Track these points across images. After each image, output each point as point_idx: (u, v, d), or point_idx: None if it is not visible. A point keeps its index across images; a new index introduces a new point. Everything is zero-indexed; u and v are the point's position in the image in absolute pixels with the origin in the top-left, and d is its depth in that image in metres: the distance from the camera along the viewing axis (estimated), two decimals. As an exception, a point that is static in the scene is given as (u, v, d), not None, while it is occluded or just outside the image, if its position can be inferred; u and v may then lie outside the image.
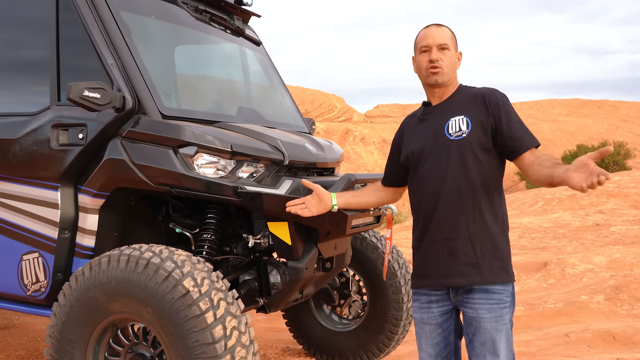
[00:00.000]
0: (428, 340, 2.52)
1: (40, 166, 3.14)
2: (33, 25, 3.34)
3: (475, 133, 2.38)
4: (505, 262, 2.41)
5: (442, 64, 2.44)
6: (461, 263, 2.37)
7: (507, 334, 2.38)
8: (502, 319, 2.36)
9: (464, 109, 2.43)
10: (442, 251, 2.41)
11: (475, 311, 2.37)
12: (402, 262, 4.16)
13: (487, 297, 2.36)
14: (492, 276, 2.36)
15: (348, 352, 4.21)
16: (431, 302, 2.49)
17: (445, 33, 2.48)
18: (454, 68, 2.50)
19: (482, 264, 2.36)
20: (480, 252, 2.36)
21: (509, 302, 2.40)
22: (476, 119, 2.39)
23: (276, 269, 3.38)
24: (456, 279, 2.38)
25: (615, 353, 4.53)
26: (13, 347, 4.61)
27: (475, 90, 2.49)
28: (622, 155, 26.35)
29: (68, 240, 3.14)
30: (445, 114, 2.46)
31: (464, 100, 2.46)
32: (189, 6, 3.65)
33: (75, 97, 2.79)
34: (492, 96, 2.41)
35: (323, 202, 2.74)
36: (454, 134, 2.40)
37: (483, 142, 2.38)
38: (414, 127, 2.59)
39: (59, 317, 2.79)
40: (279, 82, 4.36)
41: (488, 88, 2.47)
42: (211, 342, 2.47)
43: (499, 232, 2.41)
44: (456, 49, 2.52)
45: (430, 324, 2.50)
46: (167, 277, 2.56)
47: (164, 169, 2.93)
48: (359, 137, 35.69)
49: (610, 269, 7.05)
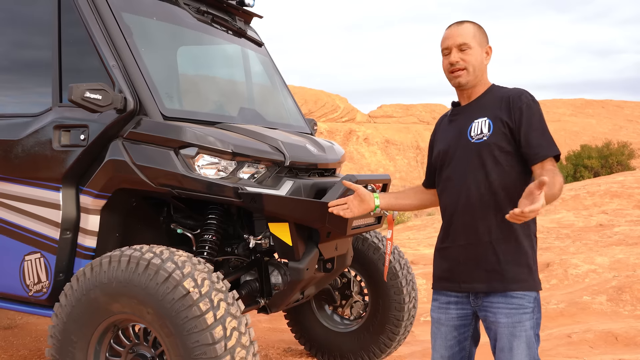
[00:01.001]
0: (442, 342, 2.47)
1: (42, 167, 3.15)
2: (35, 27, 3.35)
3: (496, 136, 2.30)
4: (531, 269, 2.32)
5: (464, 65, 2.37)
6: (482, 269, 2.31)
7: (527, 341, 2.27)
8: (521, 325, 2.27)
9: (489, 111, 2.35)
10: (463, 256, 2.36)
11: (494, 315, 2.31)
12: (404, 263, 4.16)
13: (506, 302, 2.29)
14: (515, 283, 2.28)
15: (349, 352, 4.21)
16: (450, 303, 2.44)
17: (465, 31, 2.38)
18: (480, 67, 2.40)
19: (504, 270, 2.28)
20: (503, 259, 2.29)
21: (530, 308, 2.29)
22: (498, 122, 2.31)
23: (277, 270, 3.38)
24: (476, 285, 2.33)
25: (617, 354, 4.52)
26: (16, 347, 4.63)
27: (504, 92, 2.39)
28: (626, 155, 26.27)
29: (70, 240, 3.15)
30: (471, 116, 2.40)
31: (491, 101, 2.38)
32: (191, 7, 3.66)
33: (76, 98, 2.81)
34: (517, 99, 2.31)
35: (365, 203, 2.61)
36: (476, 136, 2.34)
37: (504, 145, 2.30)
38: (444, 127, 2.54)
39: (60, 317, 2.80)
40: (281, 83, 4.36)
41: (516, 90, 2.38)
42: (211, 342, 2.48)
43: (524, 238, 2.32)
44: (483, 45, 2.41)
45: (447, 325, 2.45)
46: (168, 277, 2.57)
47: (165, 170, 2.94)
48: (362, 137, 35.71)
49: (613, 270, 7.04)
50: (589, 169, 24.98)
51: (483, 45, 2.42)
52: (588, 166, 25.08)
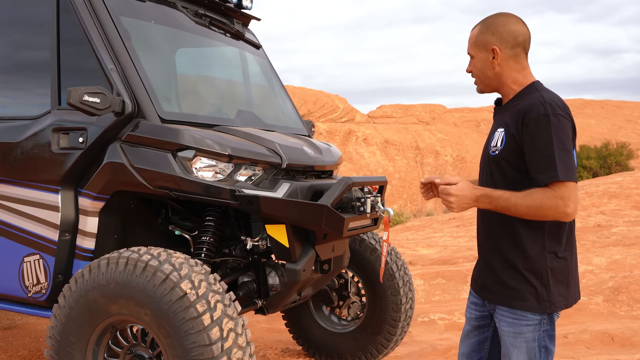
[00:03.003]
0: (465, 338, 2.54)
1: (41, 169, 3.18)
2: (33, 30, 3.38)
3: (506, 151, 2.20)
4: (539, 290, 2.19)
5: (473, 74, 2.34)
6: (493, 281, 2.32)
7: (528, 353, 2.23)
8: (521, 336, 2.24)
9: (507, 120, 2.23)
10: (482, 264, 2.40)
11: (499, 322, 2.32)
12: (401, 264, 4.18)
13: (509, 311, 2.26)
14: (517, 301, 2.22)
15: (347, 353, 4.24)
16: (473, 303, 2.51)
17: (470, 39, 2.32)
18: (486, 72, 2.29)
19: (509, 285, 2.24)
20: (510, 274, 2.24)
21: (535, 320, 2.22)
22: (510, 136, 2.19)
23: (274, 271, 3.40)
24: (486, 294, 2.37)
25: (613, 354, 4.55)
26: (15, 348, 4.65)
27: (529, 98, 2.20)
28: (624, 156, 26.25)
29: (68, 242, 3.18)
30: (499, 122, 2.30)
31: (514, 108, 2.23)
32: (189, 10, 3.68)
33: (75, 101, 2.83)
34: (528, 113, 2.13)
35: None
36: (492, 148, 2.27)
37: (514, 161, 2.19)
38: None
39: (59, 318, 2.83)
40: (279, 85, 4.39)
41: (536, 100, 2.16)
42: (208, 343, 2.50)
43: (537, 256, 2.20)
44: (486, 47, 2.27)
45: (470, 324, 2.52)
46: (165, 279, 2.59)
47: (163, 173, 2.97)
48: (361, 137, 35.70)
49: (610, 270, 7.06)
50: (588, 169, 24.98)
51: (486, 48, 2.28)
52: (587, 167, 25.07)
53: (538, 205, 2.09)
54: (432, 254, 8.82)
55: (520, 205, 2.11)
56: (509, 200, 2.13)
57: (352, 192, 3.19)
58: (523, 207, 2.11)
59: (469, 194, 2.15)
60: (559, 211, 2.09)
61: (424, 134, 38.47)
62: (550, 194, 2.09)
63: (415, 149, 36.65)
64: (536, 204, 2.09)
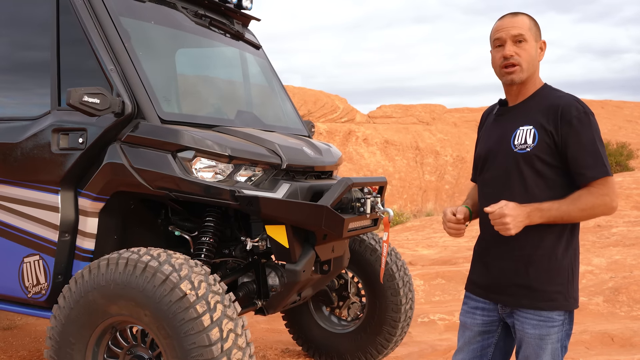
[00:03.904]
0: (466, 345, 2.44)
1: (41, 170, 3.18)
2: (33, 31, 3.38)
3: (540, 148, 2.16)
4: (565, 287, 2.21)
5: (518, 60, 2.20)
6: (512, 284, 2.25)
7: (552, 353, 2.22)
8: (548, 337, 2.21)
9: (536, 118, 2.19)
10: (496, 267, 2.30)
11: (521, 324, 2.26)
12: (401, 265, 4.18)
13: (534, 314, 2.22)
14: (544, 302, 2.20)
15: (347, 353, 4.24)
16: (477, 308, 2.40)
17: (521, 23, 2.21)
18: (534, 62, 2.23)
19: (535, 287, 2.21)
20: (534, 275, 2.20)
21: (560, 321, 2.22)
22: (543, 133, 2.16)
23: (274, 272, 3.40)
24: (504, 297, 2.28)
25: (613, 355, 4.55)
26: (15, 348, 4.66)
27: (555, 97, 2.22)
28: (624, 156, 26.26)
29: (68, 243, 3.18)
30: (517, 120, 2.25)
31: (540, 106, 2.21)
32: (189, 11, 3.68)
33: (74, 102, 2.83)
34: (567, 111, 2.14)
35: None
36: (519, 146, 2.21)
37: (548, 158, 2.17)
38: (489, 125, 2.43)
39: (58, 319, 2.83)
40: (279, 86, 4.39)
41: (569, 99, 2.19)
42: (208, 344, 2.50)
43: (562, 253, 2.21)
44: (537, 39, 2.24)
45: (472, 330, 2.42)
46: (165, 280, 2.59)
47: (163, 173, 2.97)
48: (361, 137, 35.69)
49: (610, 271, 7.06)
50: (588, 169, 24.95)
51: (538, 40, 2.26)
52: (587, 167, 25.04)
53: (590, 207, 2.13)
54: (432, 254, 8.82)
55: (573, 211, 2.13)
56: (560, 209, 2.13)
57: (352, 193, 3.19)
58: (576, 212, 2.13)
59: (521, 212, 2.11)
60: (607, 207, 2.14)
61: (424, 134, 38.46)
62: (596, 192, 2.12)
63: (415, 149, 36.63)
64: (588, 206, 2.12)
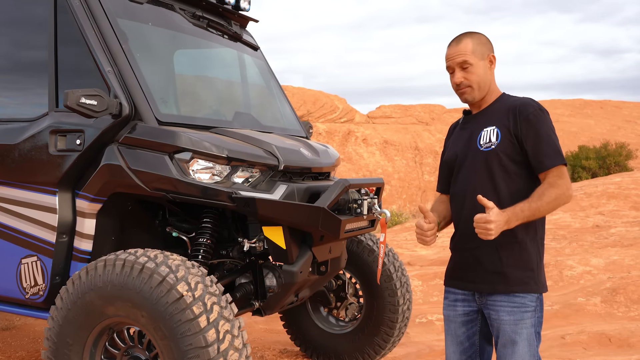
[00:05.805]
0: (453, 338, 2.59)
1: (39, 171, 3.18)
2: (30, 32, 3.38)
3: (504, 145, 2.39)
4: (535, 273, 2.42)
5: (468, 83, 2.45)
6: (486, 271, 2.43)
7: (528, 338, 2.38)
8: (522, 322, 2.38)
9: (497, 120, 2.43)
10: (469, 258, 2.48)
11: (497, 313, 2.42)
12: (398, 265, 4.19)
13: (509, 300, 2.40)
14: (517, 286, 2.39)
15: (345, 354, 4.25)
16: (457, 300, 2.57)
17: (463, 49, 2.44)
18: (485, 79, 2.47)
19: (507, 273, 2.39)
20: (506, 262, 2.40)
21: (532, 307, 2.40)
22: (506, 131, 2.39)
23: (271, 273, 3.41)
24: (481, 285, 2.45)
25: (610, 355, 4.56)
26: (14, 349, 4.66)
27: (512, 100, 2.47)
28: (623, 156, 26.25)
29: (66, 244, 3.18)
30: (480, 124, 2.49)
31: (500, 110, 2.46)
32: (186, 12, 3.69)
33: (72, 104, 2.84)
34: (524, 109, 2.39)
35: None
36: (484, 144, 2.43)
37: (512, 154, 2.38)
38: (456, 134, 2.64)
39: (56, 320, 2.83)
40: (277, 87, 4.39)
41: (524, 100, 2.45)
42: (204, 345, 2.51)
43: (530, 242, 2.42)
44: (484, 57, 2.47)
45: (455, 321, 2.57)
46: (162, 281, 2.60)
47: (160, 175, 2.97)
48: (360, 138, 35.70)
49: (608, 271, 7.07)
50: (587, 169, 24.99)
51: (485, 57, 2.47)
52: (586, 167, 25.08)
53: (554, 198, 2.29)
54: (430, 254, 8.83)
55: (542, 206, 2.29)
56: (531, 207, 2.28)
57: (349, 194, 3.20)
58: (544, 206, 2.29)
59: (502, 219, 2.24)
60: (566, 195, 2.32)
61: (423, 134, 38.47)
62: (555, 182, 2.30)
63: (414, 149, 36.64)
64: (552, 198, 2.29)
